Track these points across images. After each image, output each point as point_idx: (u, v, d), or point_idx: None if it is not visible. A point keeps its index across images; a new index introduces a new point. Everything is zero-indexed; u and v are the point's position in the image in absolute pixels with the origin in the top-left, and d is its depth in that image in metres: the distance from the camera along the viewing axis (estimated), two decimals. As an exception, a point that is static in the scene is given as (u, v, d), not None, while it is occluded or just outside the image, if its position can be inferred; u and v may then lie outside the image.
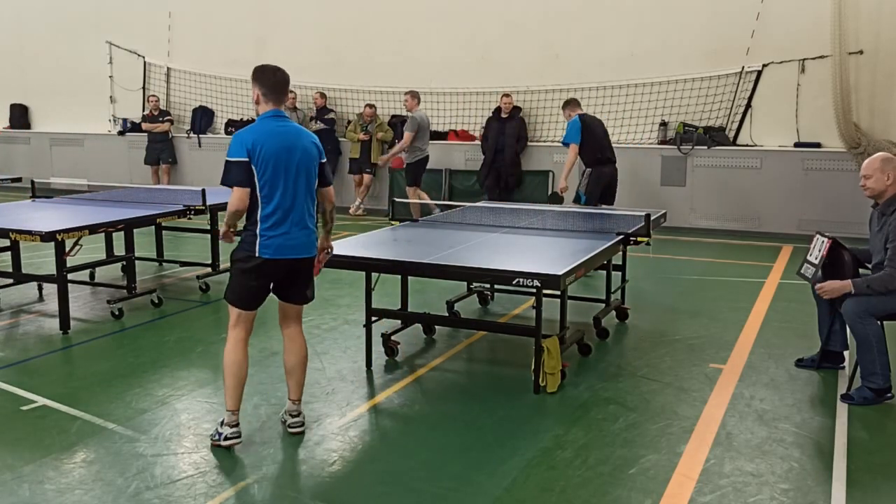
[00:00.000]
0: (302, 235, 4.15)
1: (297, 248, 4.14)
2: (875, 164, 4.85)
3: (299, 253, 4.16)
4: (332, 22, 13.54)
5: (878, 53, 10.39)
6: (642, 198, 11.04)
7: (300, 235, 4.14)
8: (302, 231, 4.15)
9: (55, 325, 6.29)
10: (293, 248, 4.12)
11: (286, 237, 4.09)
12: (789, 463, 3.99)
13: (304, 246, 4.18)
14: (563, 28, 12.03)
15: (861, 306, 4.73)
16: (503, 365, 5.56)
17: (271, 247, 4.06)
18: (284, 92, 4.25)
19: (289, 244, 4.10)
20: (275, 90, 4.18)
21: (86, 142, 15.45)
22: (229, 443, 4.13)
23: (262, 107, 4.18)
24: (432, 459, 4.06)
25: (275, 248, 4.07)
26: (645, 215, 5.86)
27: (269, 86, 4.18)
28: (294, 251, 4.13)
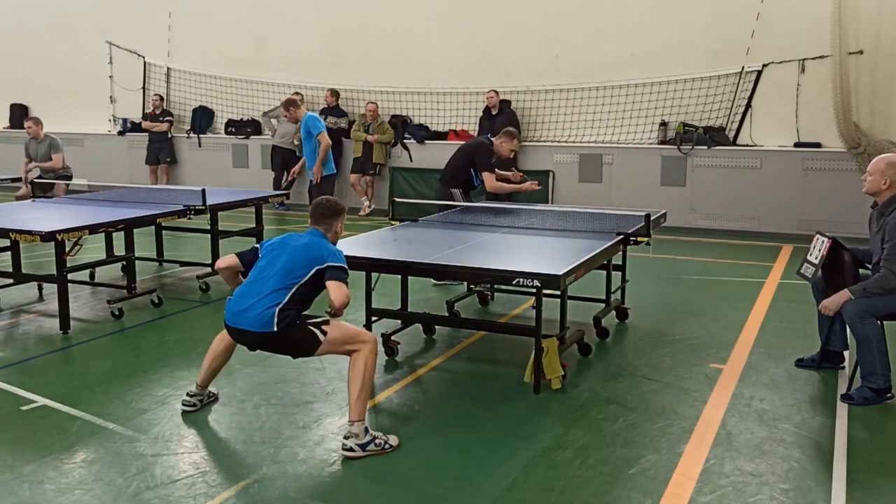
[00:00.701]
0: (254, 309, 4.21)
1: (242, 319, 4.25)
2: (879, 164, 4.85)
3: (243, 325, 4.24)
4: (332, 22, 13.55)
5: (878, 53, 10.39)
6: (642, 198, 11.04)
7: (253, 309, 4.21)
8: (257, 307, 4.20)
9: (55, 325, 6.29)
10: (237, 317, 4.28)
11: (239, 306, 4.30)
12: (789, 463, 3.99)
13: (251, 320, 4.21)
14: (563, 28, 12.04)
15: (861, 306, 4.73)
16: (503, 365, 5.56)
17: (226, 312, 4.39)
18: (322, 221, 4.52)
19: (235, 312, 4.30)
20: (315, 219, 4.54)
21: (86, 142, 15.44)
22: (183, 408, 4.61)
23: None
24: (432, 459, 4.06)
25: (228, 313, 4.37)
26: (645, 215, 5.86)
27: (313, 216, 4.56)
28: (237, 320, 4.28)
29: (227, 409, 4.71)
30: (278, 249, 4.41)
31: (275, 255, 4.38)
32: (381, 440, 4.15)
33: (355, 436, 4.09)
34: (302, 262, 4.29)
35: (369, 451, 4.09)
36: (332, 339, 4.22)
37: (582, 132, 12.06)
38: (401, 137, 13.03)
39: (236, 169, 14.28)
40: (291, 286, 4.23)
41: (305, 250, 4.33)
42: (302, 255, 4.31)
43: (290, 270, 4.27)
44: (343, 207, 4.62)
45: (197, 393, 4.66)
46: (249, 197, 8.36)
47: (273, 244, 4.48)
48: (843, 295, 4.81)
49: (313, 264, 4.27)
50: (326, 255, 4.31)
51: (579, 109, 12.06)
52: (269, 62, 14.08)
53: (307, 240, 4.42)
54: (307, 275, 4.25)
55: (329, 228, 4.51)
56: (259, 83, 14.21)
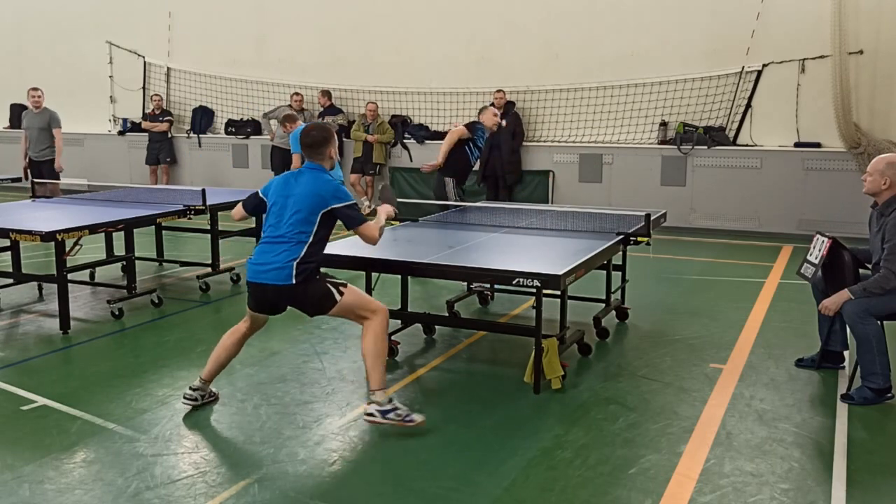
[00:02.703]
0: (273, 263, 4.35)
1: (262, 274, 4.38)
2: (879, 164, 4.85)
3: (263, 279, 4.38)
4: (332, 22, 13.55)
5: (878, 53, 10.39)
6: (642, 198, 11.04)
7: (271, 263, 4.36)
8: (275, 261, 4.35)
9: (55, 325, 6.29)
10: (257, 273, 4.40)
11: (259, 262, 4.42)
12: (789, 463, 3.99)
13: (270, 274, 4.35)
14: (563, 28, 12.04)
15: (861, 306, 4.73)
16: (503, 365, 5.56)
17: (248, 268, 4.50)
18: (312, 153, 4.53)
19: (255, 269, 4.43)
20: (307, 152, 4.56)
21: (86, 142, 15.45)
22: (184, 401, 4.64)
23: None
24: (432, 459, 4.06)
25: (249, 270, 4.49)
26: (645, 215, 5.86)
27: (304, 147, 4.57)
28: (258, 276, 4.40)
29: (227, 409, 4.71)
30: (281, 198, 4.45)
31: (280, 204, 4.44)
32: (403, 412, 4.31)
33: (377, 403, 4.30)
34: (308, 210, 4.36)
35: (389, 419, 4.28)
36: (347, 302, 4.40)
37: (582, 132, 12.06)
38: (401, 137, 13.04)
39: (236, 169, 14.28)
40: (305, 237, 4.35)
41: (308, 198, 4.37)
42: (307, 204, 4.36)
43: (298, 221, 4.36)
44: (329, 133, 4.58)
45: (199, 387, 4.67)
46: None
47: (275, 189, 4.52)
48: (843, 295, 4.81)
49: (318, 209, 4.37)
50: (328, 196, 4.39)
51: (579, 109, 12.06)
52: (269, 62, 14.08)
53: (307, 182, 4.43)
54: (316, 222, 4.37)
55: (322, 157, 4.53)
56: (259, 83, 14.21)
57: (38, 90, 10.17)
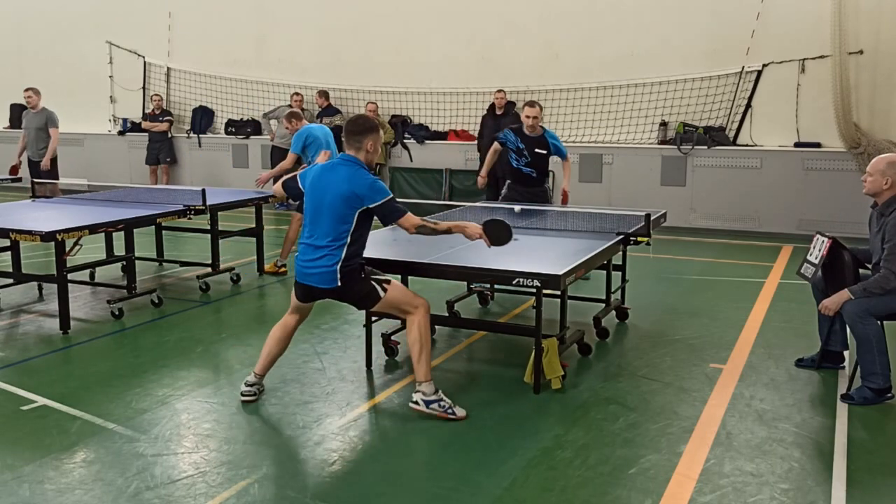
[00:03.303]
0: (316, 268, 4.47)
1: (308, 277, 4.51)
2: (880, 164, 4.85)
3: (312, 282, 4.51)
4: (332, 22, 13.55)
5: (878, 53, 10.39)
6: (642, 198, 11.04)
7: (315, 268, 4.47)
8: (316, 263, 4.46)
9: (55, 325, 6.29)
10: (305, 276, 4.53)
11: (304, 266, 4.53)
12: (789, 463, 3.99)
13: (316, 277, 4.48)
14: (563, 28, 12.04)
15: (861, 306, 4.73)
16: (503, 365, 5.56)
17: (296, 268, 4.61)
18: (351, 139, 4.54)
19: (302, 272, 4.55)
20: (344, 134, 4.59)
21: (86, 142, 15.46)
22: (242, 398, 4.73)
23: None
24: (432, 459, 4.06)
25: (296, 271, 4.61)
26: (645, 215, 5.85)
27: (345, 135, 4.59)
28: (305, 278, 4.54)
29: (227, 409, 4.71)
30: (317, 196, 4.48)
31: (316, 203, 4.48)
32: (447, 404, 4.48)
33: (423, 392, 4.49)
34: (344, 210, 4.39)
35: (432, 409, 4.46)
36: (391, 298, 4.56)
37: (582, 132, 12.06)
38: (401, 137, 13.04)
39: (236, 169, 14.28)
40: (344, 238, 4.41)
41: (344, 198, 4.37)
42: (344, 204, 4.38)
43: (336, 221, 4.40)
44: (374, 125, 4.58)
45: (256, 382, 4.79)
46: (249, 197, 8.35)
47: (311, 184, 4.55)
48: (843, 295, 4.81)
49: (355, 208, 4.39)
50: (364, 194, 4.38)
51: (579, 109, 12.07)
52: (269, 62, 14.09)
53: (342, 179, 4.41)
54: (353, 221, 4.41)
55: (359, 147, 4.50)
56: (259, 83, 14.22)
57: (30, 90, 10.14)
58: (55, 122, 10.03)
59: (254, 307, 7.28)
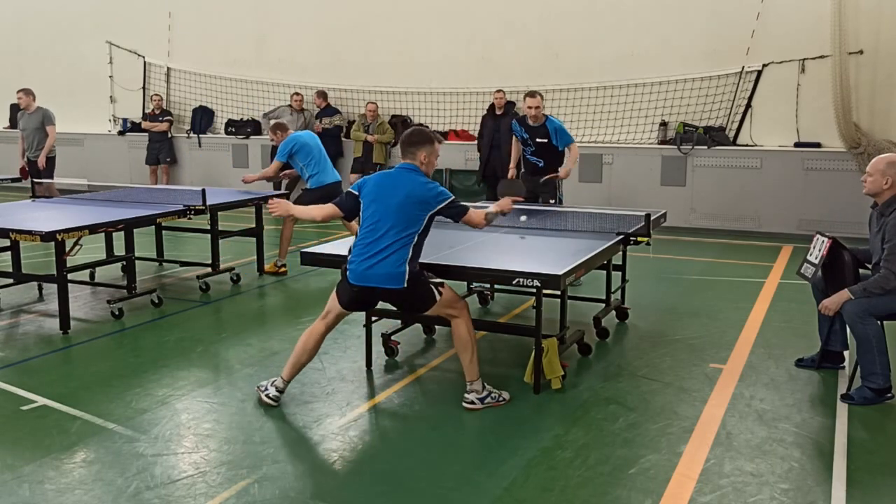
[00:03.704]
0: (380, 269, 4.46)
1: (371, 277, 4.49)
2: (879, 164, 4.85)
3: (375, 283, 4.50)
4: (332, 22, 13.55)
5: (878, 53, 10.39)
6: (642, 198, 11.04)
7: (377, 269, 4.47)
8: (381, 265, 4.46)
9: (55, 325, 6.29)
10: (366, 278, 4.50)
11: (367, 268, 4.50)
12: (789, 463, 3.99)
13: (380, 277, 4.47)
14: (563, 28, 12.04)
15: (861, 306, 4.73)
16: (503, 365, 5.56)
17: (352, 273, 4.57)
18: (404, 147, 4.65)
19: (361, 273, 4.51)
20: (400, 146, 4.71)
21: (86, 142, 15.45)
22: (266, 400, 4.68)
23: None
24: (432, 459, 4.06)
25: (354, 274, 4.56)
26: (645, 215, 5.85)
27: (400, 145, 4.71)
28: (367, 280, 4.51)
29: (227, 409, 4.71)
30: (383, 200, 4.52)
31: (382, 208, 4.51)
32: (496, 394, 4.69)
33: (476, 391, 4.64)
34: (414, 213, 4.48)
35: (486, 403, 4.63)
36: (445, 299, 4.63)
37: (582, 132, 12.05)
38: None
39: (236, 169, 14.26)
40: (411, 239, 4.48)
41: (412, 205, 4.47)
42: (411, 208, 4.47)
43: (406, 224, 4.47)
44: (429, 137, 4.66)
45: (283, 389, 4.75)
46: (249, 197, 8.35)
47: (372, 192, 4.59)
48: (843, 295, 4.81)
49: (425, 212, 4.50)
50: (430, 199, 4.51)
51: (579, 109, 12.06)
52: (269, 62, 14.08)
53: (406, 185, 4.51)
54: (423, 224, 4.51)
55: (414, 158, 4.61)
56: (259, 83, 14.21)
57: (21, 92, 10.15)
58: (52, 121, 10.04)
59: (254, 307, 7.28)
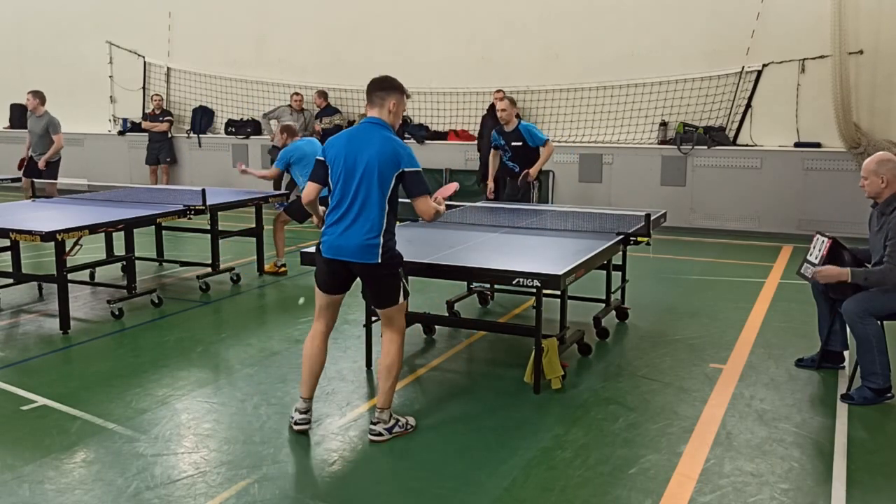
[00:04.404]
0: (353, 240, 4.11)
1: (343, 250, 4.14)
2: (870, 166, 4.86)
3: (347, 256, 4.15)
4: (332, 22, 13.55)
5: (878, 53, 10.39)
6: (642, 198, 11.04)
7: (350, 239, 4.12)
8: (354, 235, 4.11)
9: (55, 325, 6.29)
10: (339, 250, 4.16)
11: (336, 238, 4.16)
12: (789, 463, 3.99)
13: (353, 250, 4.13)
14: (563, 28, 12.04)
15: (861, 306, 4.73)
16: (503, 365, 5.56)
17: (325, 245, 4.23)
18: (373, 94, 4.27)
19: (336, 245, 4.17)
20: (369, 93, 4.30)
21: (86, 142, 15.45)
22: (297, 427, 4.34)
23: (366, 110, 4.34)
24: (432, 459, 4.06)
25: (327, 247, 4.21)
26: (645, 215, 5.86)
27: (367, 90, 4.32)
28: (340, 252, 4.16)
29: (227, 409, 4.71)
30: (349, 162, 4.13)
31: (348, 169, 4.13)
32: (403, 421, 4.34)
33: (383, 421, 4.27)
34: (385, 171, 4.09)
35: (395, 433, 4.28)
36: (401, 308, 4.33)
37: (582, 132, 12.06)
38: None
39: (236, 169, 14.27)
40: (383, 204, 4.11)
41: (384, 160, 4.08)
42: (383, 165, 4.08)
43: (376, 185, 4.09)
44: (400, 85, 4.29)
45: (308, 408, 4.38)
46: (249, 197, 8.36)
47: (341, 154, 4.18)
48: (843, 273, 4.78)
49: (392, 172, 4.10)
50: (404, 157, 4.11)
51: (579, 109, 12.07)
52: (269, 62, 14.08)
53: (379, 141, 4.12)
54: (391, 186, 4.12)
55: (382, 105, 4.23)
56: (259, 83, 14.21)
57: (30, 94, 10.09)
58: (57, 129, 9.99)
59: (254, 307, 7.28)
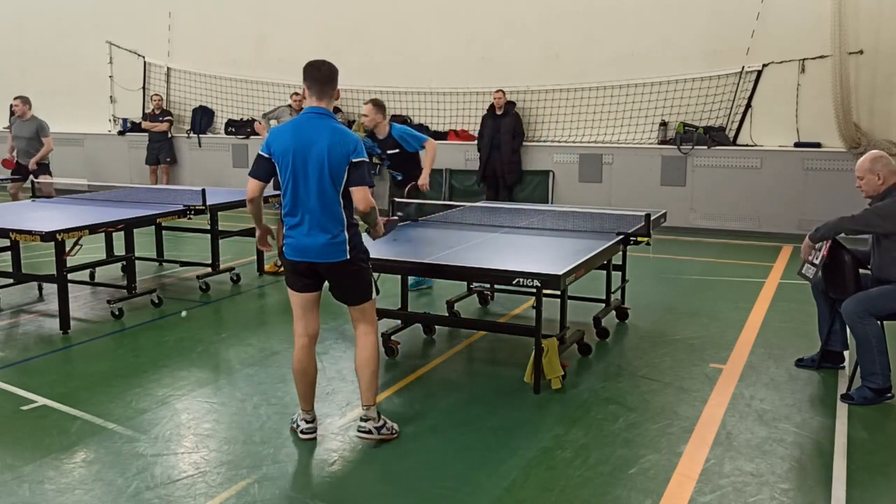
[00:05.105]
0: (318, 239, 4.01)
1: (309, 251, 4.03)
2: (865, 164, 4.87)
3: (312, 257, 4.04)
4: (332, 22, 13.55)
5: (878, 53, 10.39)
6: (642, 198, 11.04)
7: (316, 239, 4.01)
8: (319, 234, 4.00)
9: (55, 325, 6.29)
10: (305, 251, 4.05)
11: (301, 239, 4.05)
12: (789, 463, 3.99)
13: (319, 250, 4.02)
14: (563, 28, 12.04)
15: (861, 306, 4.73)
16: (503, 365, 5.56)
17: (289, 247, 4.10)
18: (323, 86, 4.12)
19: (301, 246, 4.05)
20: (318, 82, 4.12)
21: (86, 142, 15.46)
22: (305, 436, 4.26)
23: (305, 102, 4.16)
24: (432, 459, 4.06)
25: (292, 248, 4.09)
26: (645, 215, 5.86)
27: (312, 78, 4.14)
28: (306, 254, 4.05)
29: (227, 409, 4.71)
30: (299, 157, 3.96)
31: (300, 165, 3.96)
32: (391, 425, 4.28)
33: (373, 419, 4.20)
34: (339, 163, 3.95)
35: (382, 434, 4.22)
36: (373, 304, 4.27)
37: (582, 132, 12.06)
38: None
39: (236, 169, 14.27)
40: (338, 198, 3.99)
41: (337, 153, 3.94)
42: (337, 156, 3.95)
43: (331, 180, 3.96)
44: (337, 71, 4.22)
45: (312, 418, 4.32)
46: (249, 197, 8.34)
47: (285, 149, 4.00)
48: (806, 241, 5.02)
49: (345, 163, 3.96)
50: (353, 148, 3.98)
51: (579, 109, 12.06)
52: (269, 62, 14.07)
53: (325, 134, 3.97)
54: (344, 176, 3.98)
55: (330, 98, 4.13)
56: (259, 83, 14.21)
57: (18, 99, 10.09)
58: (47, 132, 9.98)
59: (254, 307, 7.28)
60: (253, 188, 4.16)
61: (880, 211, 4.76)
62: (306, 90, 4.13)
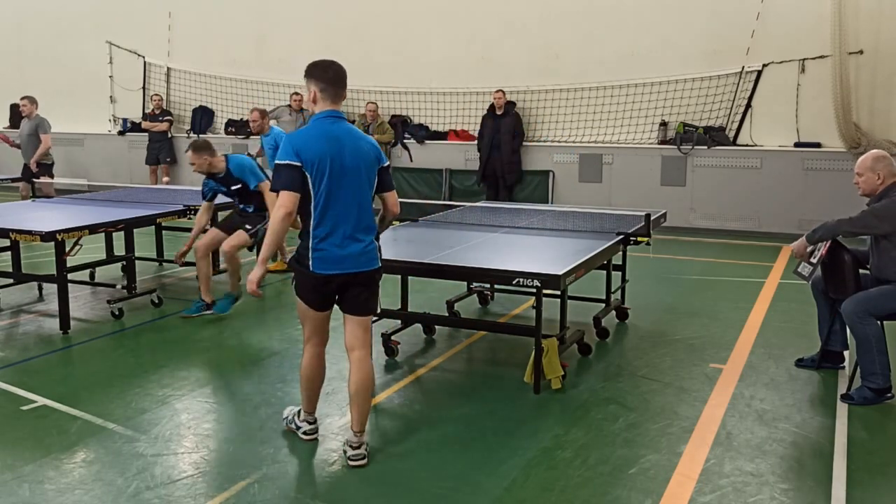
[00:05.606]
0: (353, 248, 3.86)
1: (346, 261, 3.85)
2: (866, 162, 4.87)
3: (349, 267, 3.87)
4: (332, 22, 13.55)
5: (878, 53, 10.39)
6: (642, 198, 11.04)
7: (350, 248, 3.86)
8: (354, 244, 3.86)
9: (55, 325, 6.29)
10: (341, 262, 3.85)
11: (333, 250, 3.84)
12: (789, 463, 3.99)
13: (355, 259, 3.88)
14: (563, 28, 12.04)
15: (861, 306, 4.73)
16: (503, 365, 5.56)
17: (321, 260, 3.84)
18: (338, 88, 3.93)
19: (336, 257, 3.84)
20: (334, 85, 3.91)
21: (86, 142, 15.46)
22: (308, 437, 4.23)
23: (318, 106, 3.93)
24: (432, 459, 4.06)
25: (324, 261, 3.84)
26: (645, 215, 5.86)
27: (327, 80, 3.90)
28: (342, 265, 3.85)
29: (227, 409, 4.71)
30: (336, 163, 3.78)
31: (337, 171, 3.78)
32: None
33: (365, 444, 4.02)
34: (371, 170, 3.90)
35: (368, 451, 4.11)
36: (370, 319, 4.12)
37: (582, 132, 12.06)
38: (401, 137, 13.04)
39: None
40: (372, 204, 3.92)
41: (367, 158, 3.88)
42: (367, 166, 3.88)
43: (367, 187, 3.90)
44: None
45: (315, 419, 4.27)
46: (249, 197, 8.34)
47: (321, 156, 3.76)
48: (802, 240, 5.02)
49: (376, 168, 3.94)
50: (379, 152, 3.98)
51: (579, 109, 12.07)
52: (269, 62, 14.08)
53: (359, 137, 3.91)
54: (375, 181, 3.95)
55: (342, 100, 4.00)
56: (259, 83, 14.21)
57: (25, 99, 10.21)
58: (45, 129, 10.07)
59: (254, 307, 7.27)
60: (290, 200, 3.75)
61: (878, 212, 4.76)
62: (317, 93, 3.90)
